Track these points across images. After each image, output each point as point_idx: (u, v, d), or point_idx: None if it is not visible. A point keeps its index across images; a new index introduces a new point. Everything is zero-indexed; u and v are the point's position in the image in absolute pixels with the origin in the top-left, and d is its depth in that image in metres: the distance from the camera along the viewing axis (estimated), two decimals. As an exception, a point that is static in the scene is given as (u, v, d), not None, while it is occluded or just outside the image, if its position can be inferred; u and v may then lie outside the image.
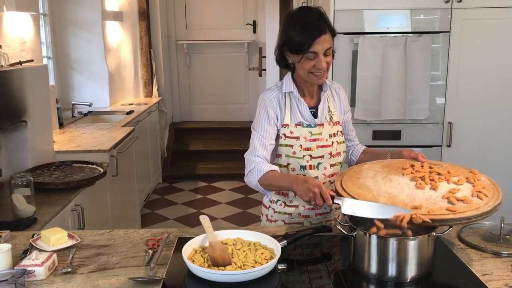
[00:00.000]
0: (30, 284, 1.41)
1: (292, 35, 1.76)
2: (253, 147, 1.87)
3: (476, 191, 1.56)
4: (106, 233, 1.78)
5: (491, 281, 1.41)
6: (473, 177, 1.66)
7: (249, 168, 1.84)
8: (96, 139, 3.50)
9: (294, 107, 1.89)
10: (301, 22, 1.75)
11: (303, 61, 1.77)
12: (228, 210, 4.98)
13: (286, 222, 1.95)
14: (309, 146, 1.87)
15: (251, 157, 1.86)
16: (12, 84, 2.64)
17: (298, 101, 1.89)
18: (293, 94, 1.89)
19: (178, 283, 1.42)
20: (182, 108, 6.95)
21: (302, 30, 1.73)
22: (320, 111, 1.91)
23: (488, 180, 1.69)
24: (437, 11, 3.19)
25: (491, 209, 1.48)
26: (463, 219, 1.41)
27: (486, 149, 3.30)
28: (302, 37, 1.73)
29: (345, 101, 2.04)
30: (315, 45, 1.73)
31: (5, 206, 2.33)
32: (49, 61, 4.44)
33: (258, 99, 1.96)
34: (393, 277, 1.43)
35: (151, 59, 6.11)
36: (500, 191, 1.61)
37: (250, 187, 1.88)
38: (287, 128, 1.88)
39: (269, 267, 1.43)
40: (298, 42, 1.74)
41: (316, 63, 1.76)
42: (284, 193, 1.93)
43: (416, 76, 3.20)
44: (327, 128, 1.90)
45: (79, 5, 4.61)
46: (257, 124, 1.90)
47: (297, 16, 1.79)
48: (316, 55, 1.75)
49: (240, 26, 6.73)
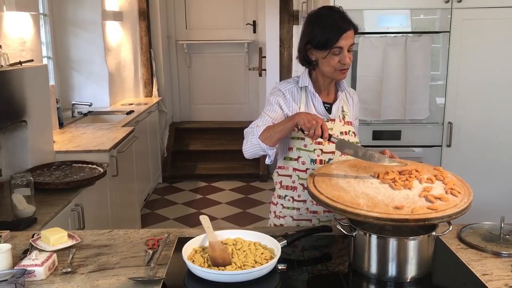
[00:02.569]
0: (30, 284, 1.41)
1: (317, 32, 1.82)
2: (255, 122, 1.90)
3: (449, 188, 1.56)
4: (106, 233, 1.78)
5: (491, 281, 1.41)
6: (441, 175, 1.65)
7: (248, 136, 1.86)
8: (96, 139, 3.50)
9: (309, 101, 1.94)
10: (327, 19, 1.82)
11: (329, 57, 1.83)
12: (228, 210, 4.98)
13: (294, 218, 1.97)
14: (321, 141, 1.88)
15: (249, 128, 1.89)
16: (12, 84, 2.64)
17: (313, 95, 1.93)
18: (308, 89, 1.93)
19: (178, 283, 1.42)
20: (182, 108, 6.96)
21: (328, 27, 1.80)
22: (335, 108, 1.95)
23: (454, 177, 1.68)
24: (437, 11, 3.20)
25: (467, 205, 1.48)
26: (445, 217, 1.41)
27: (486, 149, 3.30)
28: (329, 33, 1.80)
29: (357, 107, 2.08)
30: (341, 40, 1.80)
31: (5, 206, 2.33)
32: (49, 61, 4.44)
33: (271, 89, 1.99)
34: (393, 277, 1.43)
35: (151, 59, 6.11)
36: (469, 187, 1.60)
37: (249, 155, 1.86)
38: None
39: (269, 267, 1.43)
40: (324, 38, 1.80)
41: (341, 58, 1.82)
42: (292, 187, 1.95)
43: (416, 76, 3.21)
44: (338, 125, 1.93)
45: (79, 5, 4.61)
46: (267, 106, 1.94)
47: (321, 14, 1.86)
48: (341, 51, 1.81)
49: (240, 26, 6.73)
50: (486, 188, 3.30)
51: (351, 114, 2.02)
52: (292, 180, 1.95)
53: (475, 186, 3.53)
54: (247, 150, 1.86)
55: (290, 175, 1.95)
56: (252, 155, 1.86)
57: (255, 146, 1.82)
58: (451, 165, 3.27)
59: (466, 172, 3.28)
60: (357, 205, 1.46)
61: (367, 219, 1.40)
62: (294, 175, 1.94)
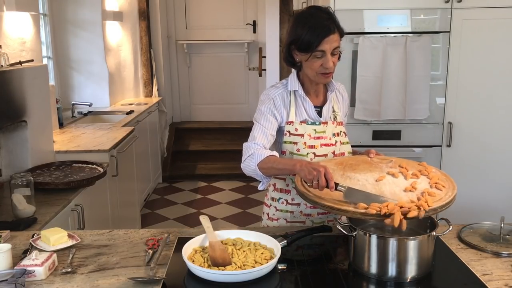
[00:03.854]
0: (30, 284, 1.41)
1: (300, 33, 1.76)
2: (252, 136, 1.86)
3: (433, 182, 1.57)
4: (106, 233, 1.78)
5: (491, 281, 1.41)
6: (425, 169, 1.66)
7: (248, 153, 1.81)
8: (96, 139, 3.50)
9: (299, 105, 1.90)
10: (311, 21, 1.76)
11: (311, 60, 1.78)
12: (228, 210, 4.98)
13: (288, 220, 1.95)
14: (313, 144, 1.87)
15: (250, 144, 1.84)
16: (12, 84, 2.64)
17: (303, 99, 1.89)
18: (298, 93, 1.89)
19: (178, 283, 1.42)
20: (182, 108, 6.96)
21: (311, 29, 1.74)
22: (326, 111, 1.92)
23: (438, 171, 1.68)
24: (437, 11, 3.19)
25: (451, 199, 1.50)
26: (431, 211, 1.43)
27: (486, 149, 3.30)
28: (311, 36, 1.74)
29: (347, 103, 2.06)
30: (323, 44, 1.74)
31: (5, 206, 2.33)
32: (49, 61, 4.44)
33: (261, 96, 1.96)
34: (393, 277, 1.43)
35: (151, 59, 6.11)
36: (452, 181, 1.61)
37: (246, 174, 1.83)
38: (291, 125, 1.88)
39: (269, 267, 1.43)
40: (306, 41, 1.75)
41: (324, 62, 1.77)
42: (286, 190, 1.94)
43: (416, 76, 3.20)
44: (330, 127, 1.91)
45: (79, 5, 4.61)
46: (259, 115, 1.90)
47: (306, 15, 1.80)
48: (324, 54, 1.76)
49: (240, 26, 6.73)
50: (486, 188, 3.30)
51: (341, 113, 1.99)
52: (286, 183, 1.94)
53: (475, 186, 3.56)
54: (244, 169, 1.83)
55: (284, 178, 1.94)
56: (249, 175, 1.83)
57: (252, 170, 1.79)
58: (451, 165, 3.27)
59: (466, 172, 3.30)
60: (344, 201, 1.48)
61: (354, 215, 1.44)
62: (288, 178, 1.93)
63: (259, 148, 1.81)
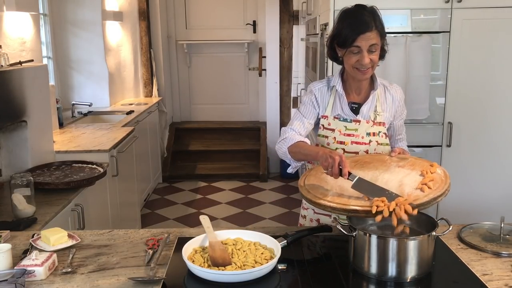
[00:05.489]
0: (30, 284, 1.41)
1: (340, 28, 1.83)
2: (291, 122, 1.97)
3: (422, 183, 1.58)
4: (106, 233, 1.78)
5: (491, 281, 1.41)
6: (429, 170, 1.66)
7: (282, 137, 1.92)
8: (96, 139, 3.50)
9: (336, 100, 1.95)
10: (351, 17, 1.82)
11: (347, 55, 1.83)
12: (228, 210, 4.98)
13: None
14: (343, 140, 1.91)
15: (287, 128, 1.95)
16: (12, 84, 2.64)
17: (340, 95, 1.94)
18: (336, 88, 1.95)
19: (178, 283, 1.42)
20: (182, 108, 6.95)
21: (349, 25, 1.80)
22: (365, 109, 1.93)
23: (443, 172, 1.68)
24: (437, 11, 3.19)
25: (429, 200, 1.50)
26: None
27: (486, 149, 3.30)
28: (348, 31, 1.79)
29: (399, 104, 1.99)
30: (359, 40, 1.78)
31: (5, 206, 2.33)
32: (49, 61, 4.44)
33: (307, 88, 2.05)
34: (393, 277, 1.43)
35: (151, 59, 6.11)
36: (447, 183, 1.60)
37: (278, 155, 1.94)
38: (326, 119, 1.95)
39: (269, 267, 1.43)
40: (344, 36, 1.81)
41: (360, 58, 1.81)
42: None
43: (416, 76, 3.20)
44: (364, 126, 1.92)
45: (79, 5, 4.61)
46: (302, 106, 1.99)
47: (349, 11, 1.86)
48: (360, 50, 1.80)
49: (240, 26, 6.72)
50: (486, 188, 3.30)
51: (387, 114, 1.96)
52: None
53: (475, 186, 3.55)
54: (277, 151, 1.94)
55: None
56: (280, 157, 1.93)
57: (283, 153, 1.89)
58: (451, 165, 3.27)
59: (466, 172, 3.30)
60: (323, 195, 1.55)
61: (326, 208, 1.53)
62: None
63: (293, 133, 1.90)
